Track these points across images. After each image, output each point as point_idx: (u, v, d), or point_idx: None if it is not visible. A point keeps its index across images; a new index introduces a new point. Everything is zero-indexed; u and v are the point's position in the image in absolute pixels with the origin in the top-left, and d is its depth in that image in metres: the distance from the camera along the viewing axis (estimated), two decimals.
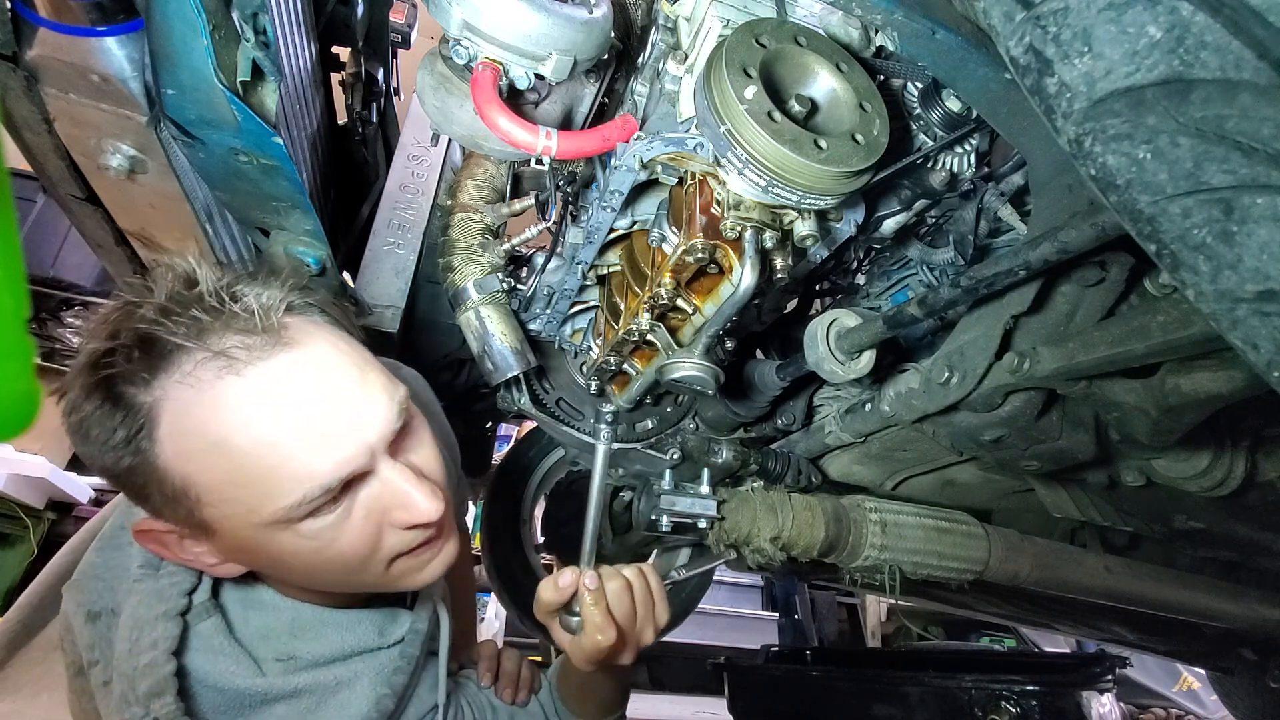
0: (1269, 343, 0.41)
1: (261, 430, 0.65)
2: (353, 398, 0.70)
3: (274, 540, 0.70)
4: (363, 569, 0.74)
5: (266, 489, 0.66)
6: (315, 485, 0.66)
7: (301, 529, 0.69)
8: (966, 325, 0.98)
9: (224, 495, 0.67)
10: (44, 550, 3.04)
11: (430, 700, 0.93)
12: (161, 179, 0.92)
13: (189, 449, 0.66)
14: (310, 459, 0.66)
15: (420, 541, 0.76)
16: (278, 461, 0.66)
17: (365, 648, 0.86)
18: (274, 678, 0.80)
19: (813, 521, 1.29)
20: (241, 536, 0.70)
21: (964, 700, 1.87)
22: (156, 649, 0.74)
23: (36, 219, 3.36)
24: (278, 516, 0.67)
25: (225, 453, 0.66)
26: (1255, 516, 1.27)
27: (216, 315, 0.67)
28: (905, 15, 0.81)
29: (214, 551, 0.74)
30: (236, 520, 0.68)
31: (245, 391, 0.66)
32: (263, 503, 0.67)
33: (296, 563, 0.73)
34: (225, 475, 0.66)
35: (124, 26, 0.78)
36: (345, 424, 0.69)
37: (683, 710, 3.99)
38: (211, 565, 0.76)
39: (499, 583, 2.04)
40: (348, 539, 0.71)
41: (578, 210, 1.16)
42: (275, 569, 0.78)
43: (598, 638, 0.83)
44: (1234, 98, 0.40)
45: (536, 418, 1.44)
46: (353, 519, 0.71)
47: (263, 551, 0.72)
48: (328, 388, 0.69)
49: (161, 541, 0.74)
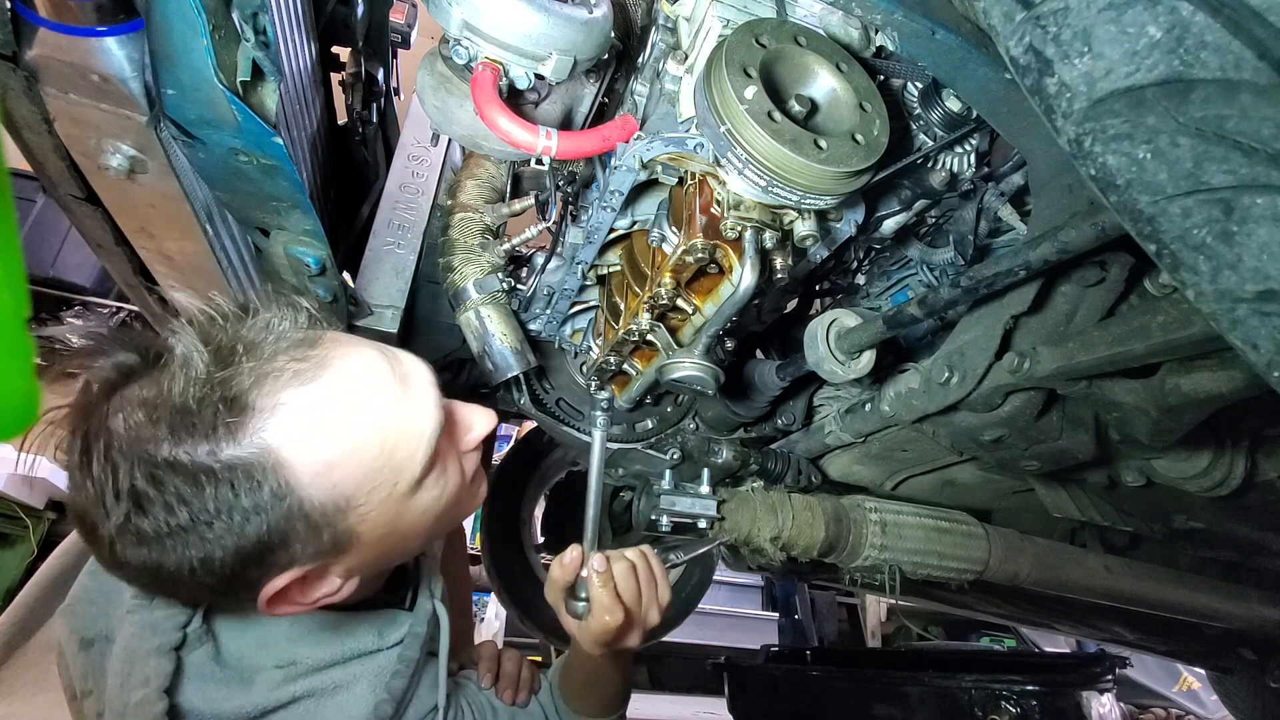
0: (1269, 343, 0.41)
1: (368, 414, 0.70)
2: (403, 366, 0.75)
3: (413, 508, 0.75)
4: (461, 502, 0.82)
5: (400, 459, 0.71)
6: (433, 432, 0.73)
7: (428, 483, 0.75)
8: (966, 325, 0.98)
9: (373, 483, 0.70)
10: (44, 550, 3.04)
11: (430, 701, 0.92)
12: (161, 179, 0.92)
13: (324, 462, 0.67)
14: (415, 417, 0.73)
15: (478, 462, 0.86)
16: (396, 431, 0.71)
17: (364, 650, 0.86)
18: (267, 691, 0.79)
19: (813, 521, 1.29)
20: (386, 521, 0.73)
21: (964, 700, 1.88)
22: (148, 686, 0.73)
23: (36, 219, 3.36)
24: (416, 477, 0.73)
25: (356, 447, 0.68)
26: (1255, 516, 1.27)
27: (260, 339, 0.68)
28: (905, 15, 0.81)
29: (340, 572, 0.75)
30: (384, 505, 0.72)
31: (334, 388, 0.68)
32: (403, 471, 0.72)
33: (428, 521, 0.78)
34: (367, 464, 0.69)
35: (124, 26, 0.78)
36: (414, 384, 0.75)
37: (683, 710, 3.99)
38: (331, 594, 0.76)
39: (499, 583, 2.04)
40: (453, 477, 0.79)
41: (578, 210, 1.16)
42: (401, 543, 0.79)
43: (605, 618, 0.85)
44: (1234, 98, 0.40)
45: (536, 418, 1.44)
46: (449, 461, 0.79)
47: (401, 528, 0.75)
48: (384, 365, 0.73)
49: (290, 599, 0.73)
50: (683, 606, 2.20)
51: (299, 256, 1.07)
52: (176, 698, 0.75)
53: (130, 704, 0.72)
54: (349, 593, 0.77)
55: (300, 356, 0.68)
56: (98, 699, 0.76)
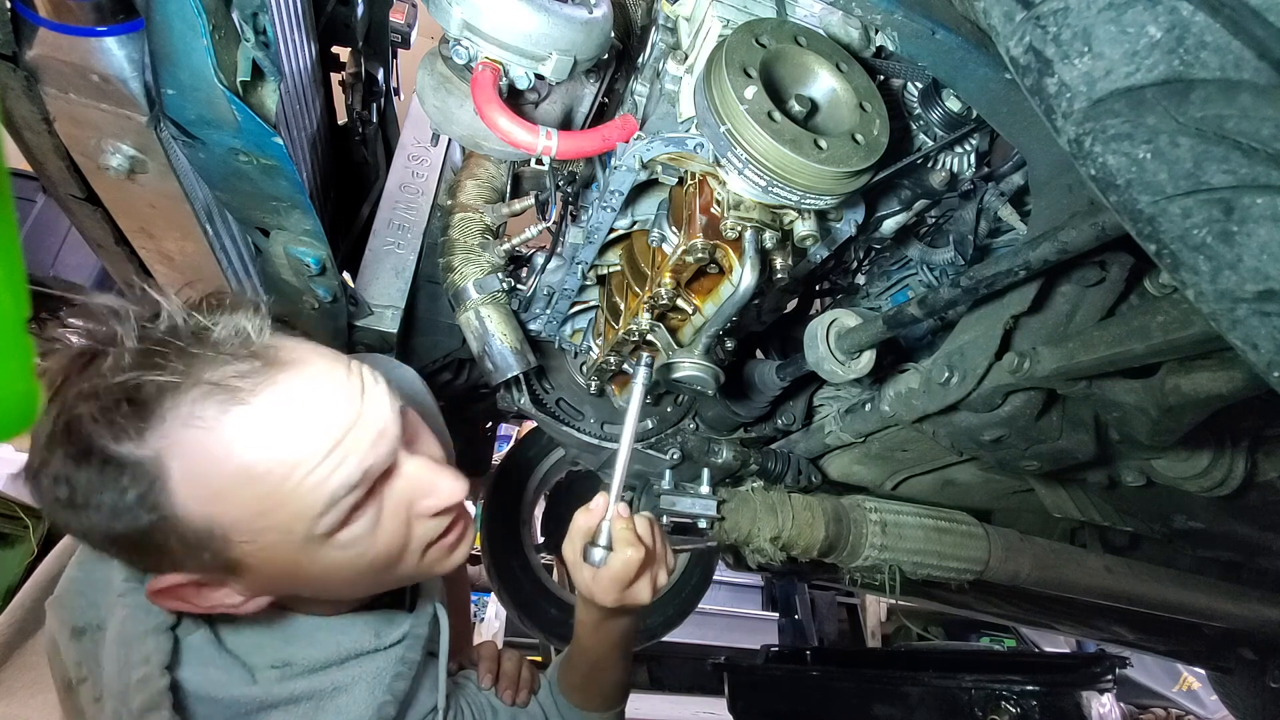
0: (1269, 343, 0.41)
1: (281, 452, 0.65)
2: (357, 400, 0.70)
3: (316, 559, 0.70)
4: (399, 564, 0.76)
5: (298, 508, 0.66)
6: (345, 491, 0.67)
7: (340, 540, 0.70)
8: (966, 325, 0.98)
9: (256, 526, 0.66)
10: (44, 550, 3.04)
11: (430, 702, 0.92)
12: (161, 179, 0.92)
13: (210, 490, 0.64)
14: (335, 468, 0.67)
15: (447, 525, 0.79)
16: (301, 477, 0.65)
17: (361, 650, 0.86)
18: (268, 685, 0.79)
19: (813, 521, 1.29)
20: (280, 564, 0.70)
21: (964, 700, 1.88)
22: (149, 664, 0.73)
23: (36, 219, 3.36)
24: (315, 532, 0.67)
25: (249, 483, 0.65)
26: (1255, 516, 1.27)
27: (201, 348, 0.65)
28: (905, 15, 0.81)
29: (239, 590, 0.73)
30: (272, 549, 0.68)
31: (256, 418, 0.64)
32: (296, 522, 0.66)
33: (340, 575, 0.73)
34: (254, 506, 0.65)
35: (124, 26, 0.78)
36: (358, 428, 0.69)
37: (683, 710, 3.99)
38: (235, 606, 0.74)
39: (499, 583, 2.04)
40: (384, 539, 0.73)
41: (578, 210, 1.16)
42: (318, 587, 0.76)
43: (628, 552, 0.85)
44: (1234, 98, 0.40)
45: (536, 418, 1.44)
46: (384, 519, 0.73)
47: (304, 574, 0.72)
48: (333, 398, 0.69)
49: (180, 596, 0.72)
50: (683, 606, 2.20)
51: (299, 256, 1.07)
52: (177, 673, 0.75)
53: (132, 682, 0.72)
54: (258, 608, 0.76)
55: (238, 374, 0.64)
56: (94, 685, 0.76)
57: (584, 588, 0.91)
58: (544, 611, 2.02)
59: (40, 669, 0.97)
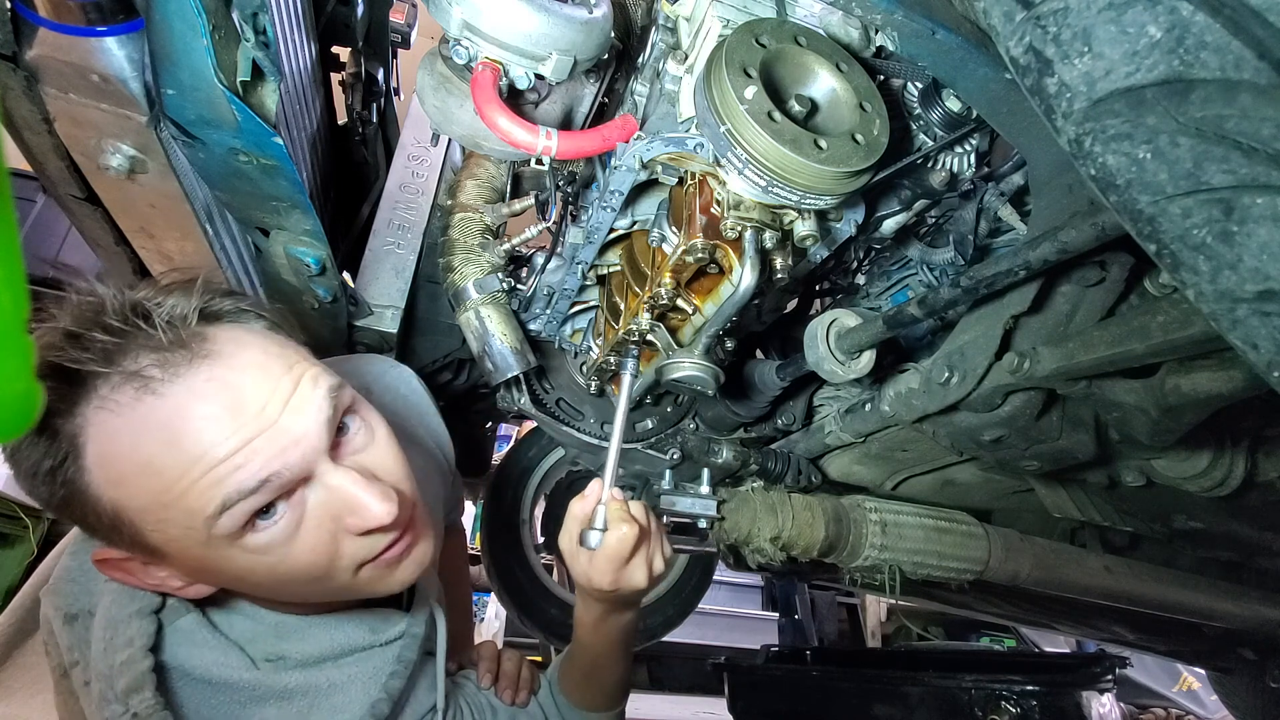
0: (1269, 343, 0.41)
1: (185, 447, 0.63)
2: (275, 403, 0.67)
3: (227, 559, 0.68)
4: (326, 579, 0.73)
5: (193, 504, 0.64)
6: (234, 491, 0.64)
7: (248, 544, 0.67)
8: (966, 325, 0.98)
9: (158, 516, 0.65)
10: (44, 550, 3.04)
11: (429, 701, 0.92)
12: (161, 179, 0.92)
13: (117, 474, 0.64)
14: (231, 468, 0.64)
15: (384, 546, 0.74)
16: (197, 476, 0.64)
17: (357, 646, 0.86)
18: (266, 674, 0.79)
19: (813, 521, 1.29)
20: (193, 557, 0.69)
21: (964, 700, 1.88)
22: (132, 645, 0.73)
23: (36, 219, 3.36)
24: (212, 531, 0.65)
25: (152, 474, 0.64)
26: (1255, 516, 1.27)
27: (125, 336, 0.65)
28: (905, 15, 0.81)
29: (177, 574, 0.73)
30: (180, 542, 0.67)
31: (165, 410, 0.64)
32: (192, 519, 0.65)
33: (257, 579, 0.72)
34: (154, 496, 0.64)
35: (124, 26, 0.78)
36: (269, 430, 0.66)
37: (683, 710, 3.99)
38: (179, 588, 0.75)
39: (499, 583, 2.04)
40: (301, 551, 0.69)
41: (578, 210, 1.16)
42: (241, 586, 0.77)
43: (623, 529, 0.86)
44: (1234, 98, 0.40)
45: (536, 418, 1.44)
46: (302, 530, 0.69)
47: (221, 570, 0.71)
48: (251, 395, 0.66)
49: (123, 569, 0.73)
50: (683, 606, 2.20)
51: (299, 256, 1.07)
52: (162, 656, 0.75)
53: (116, 664, 0.73)
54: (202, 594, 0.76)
55: (157, 363, 0.64)
56: (84, 668, 0.77)
57: (581, 575, 0.91)
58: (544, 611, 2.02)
59: (40, 669, 0.97)
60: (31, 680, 1.01)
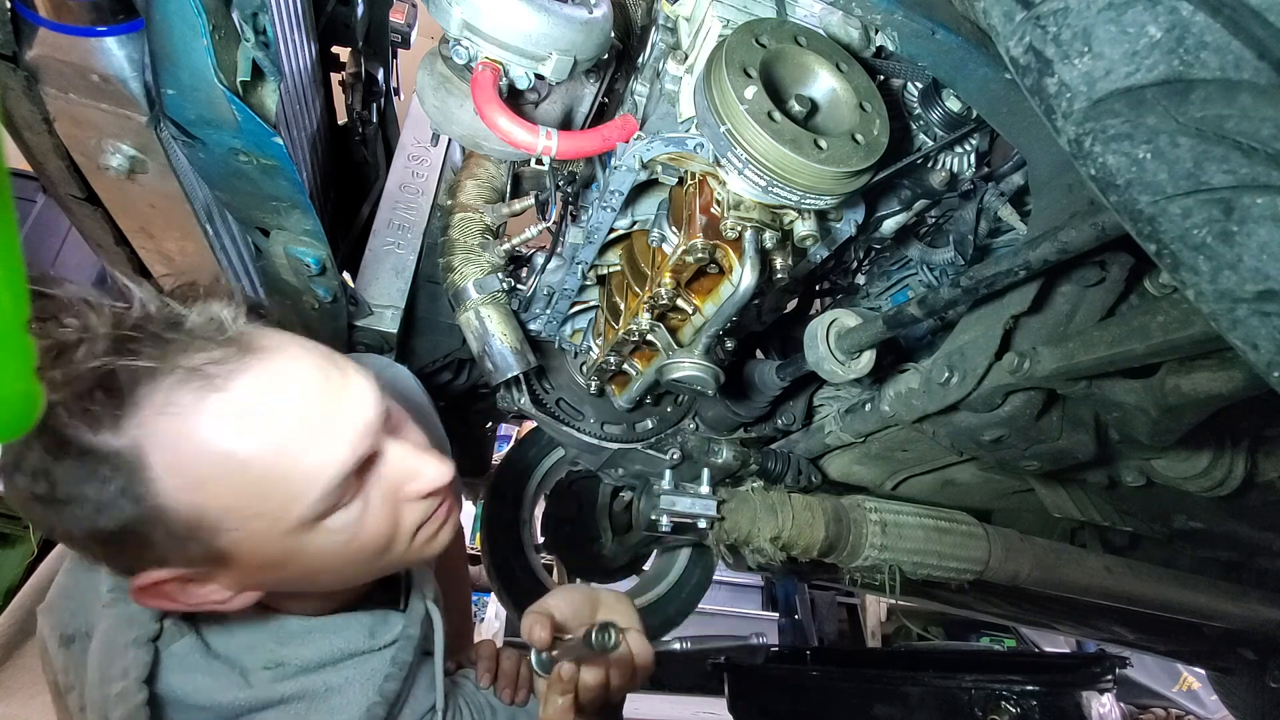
0: (1269, 343, 0.41)
1: (265, 437, 0.64)
2: (338, 386, 0.70)
3: (304, 546, 0.69)
4: (389, 549, 0.76)
5: (288, 492, 0.65)
6: (334, 474, 0.67)
7: (329, 525, 0.69)
8: (966, 325, 0.98)
9: (244, 513, 0.65)
10: (44, 550, 3.04)
11: (428, 701, 0.92)
12: (161, 179, 0.92)
13: (193, 478, 0.63)
14: (321, 451, 0.66)
15: (434, 509, 0.79)
16: (290, 462, 0.65)
17: (356, 650, 0.85)
18: (260, 688, 0.78)
19: (813, 521, 1.29)
20: (268, 553, 0.69)
21: (964, 700, 1.87)
22: (127, 677, 0.72)
23: (36, 219, 3.36)
24: (305, 517, 0.67)
25: (234, 470, 0.64)
26: (1255, 516, 1.27)
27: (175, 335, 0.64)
28: (905, 15, 0.81)
29: (226, 585, 0.72)
30: (261, 536, 0.67)
31: (234, 403, 0.63)
32: (287, 508, 0.66)
33: (327, 561, 0.73)
34: (241, 492, 0.64)
35: (124, 26, 0.78)
36: (341, 411, 0.69)
37: (683, 710, 3.99)
38: (221, 602, 0.73)
39: (499, 583, 2.04)
40: (372, 524, 0.73)
41: (578, 210, 1.16)
42: (305, 576, 0.75)
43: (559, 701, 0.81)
44: (1234, 98, 0.40)
45: (536, 418, 1.44)
46: (372, 504, 0.72)
47: (293, 562, 0.71)
48: (312, 382, 0.68)
49: (164, 594, 0.70)
50: (683, 606, 2.20)
51: (299, 256, 1.07)
52: (156, 687, 0.74)
53: (110, 696, 0.71)
54: (246, 604, 0.74)
55: (214, 360, 0.63)
56: (79, 694, 0.76)
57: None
58: None
59: (40, 669, 0.97)
60: (31, 680, 1.01)
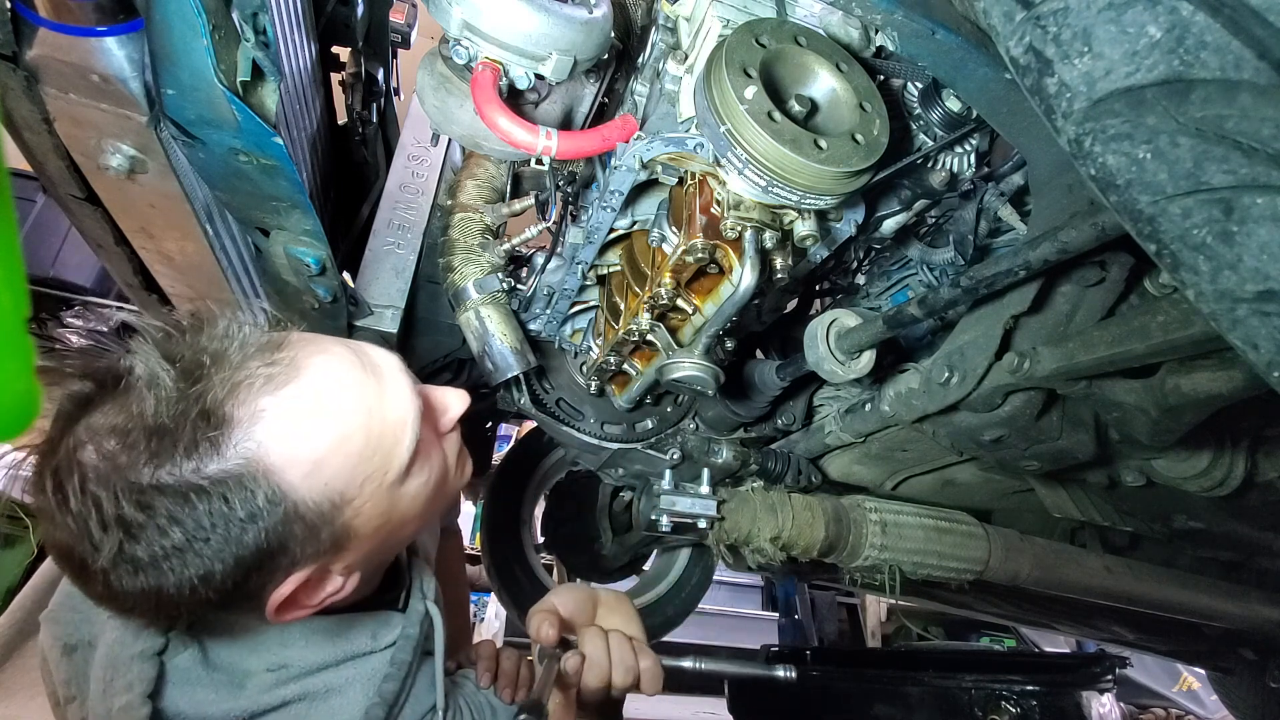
0: (1269, 343, 0.41)
1: (348, 404, 0.70)
2: (367, 352, 0.76)
3: (404, 495, 0.76)
4: (451, 482, 0.85)
5: (388, 446, 0.72)
6: (416, 415, 0.74)
7: (416, 470, 0.76)
8: (966, 325, 0.98)
9: (362, 476, 0.71)
10: (44, 550, 3.03)
11: (428, 701, 0.92)
12: (161, 179, 0.92)
13: (312, 462, 0.67)
14: (394, 401, 0.73)
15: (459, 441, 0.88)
16: (379, 419, 0.71)
17: (357, 652, 0.85)
18: (258, 694, 0.79)
19: (813, 521, 1.29)
20: (381, 512, 0.74)
21: (964, 700, 1.88)
22: (131, 691, 0.72)
23: (36, 219, 3.36)
24: (404, 462, 0.73)
25: (340, 441, 0.68)
26: (1255, 516, 1.27)
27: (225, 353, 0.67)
28: (905, 15, 0.81)
29: (340, 573, 0.76)
30: (377, 496, 0.72)
31: (310, 387, 0.68)
32: (390, 459, 0.72)
33: (419, 507, 0.79)
34: (356, 456, 0.70)
35: (124, 26, 0.78)
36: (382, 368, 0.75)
37: (683, 710, 3.99)
38: (336, 593, 0.76)
39: (499, 583, 2.04)
40: (438, 460, 0.81)
41: (578, 210, 1.16)
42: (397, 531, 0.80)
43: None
44: (1234, 98, 0.40)
45: (536, 418, 1.44)
46: (431, 445, 0.80)
47: (395, 516, 0.76)
48: (351, 354, 0.74)
49: (298, 603, 0.74)
50: (683, 606, 2.20)
51: (299, 256, 1.07)
52: (160, 702, 0.74)
53: (114, 709, 0.71)
54: (351, 590, 0.78)
55: (269, 360, 0.67)
56: (81, 705, 0.76)
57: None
58: None
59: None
60: (31, 681, 1.00)
